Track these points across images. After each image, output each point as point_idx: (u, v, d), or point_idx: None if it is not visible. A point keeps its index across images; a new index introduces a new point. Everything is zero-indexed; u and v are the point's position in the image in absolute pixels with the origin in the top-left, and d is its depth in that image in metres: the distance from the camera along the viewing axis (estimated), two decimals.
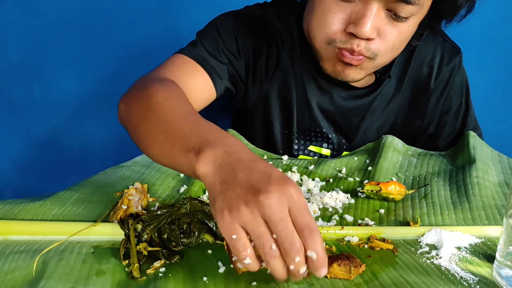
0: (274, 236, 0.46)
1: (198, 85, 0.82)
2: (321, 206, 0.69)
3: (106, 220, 0.63)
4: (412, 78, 0.94)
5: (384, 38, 0.77)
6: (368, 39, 0.76)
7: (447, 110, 0.97)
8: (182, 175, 0.79)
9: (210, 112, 0.92)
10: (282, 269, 0.47)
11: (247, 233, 0.47)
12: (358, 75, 0.83)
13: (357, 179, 0.78)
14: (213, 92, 0.85)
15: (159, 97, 0.66)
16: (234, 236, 0.47)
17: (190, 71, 0.82)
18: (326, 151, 0.96)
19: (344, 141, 0.97)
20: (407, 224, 0.64)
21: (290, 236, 0.45)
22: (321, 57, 0.83)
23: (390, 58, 0.83)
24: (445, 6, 0.78)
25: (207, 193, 0.72)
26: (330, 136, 0.96)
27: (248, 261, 0.47)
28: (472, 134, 0.89)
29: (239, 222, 0.46)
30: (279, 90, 0.93)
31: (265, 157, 0.88)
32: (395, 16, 0.75)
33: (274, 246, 0.46)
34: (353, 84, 0.92)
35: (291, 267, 0.46)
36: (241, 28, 0.89)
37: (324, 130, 0.96)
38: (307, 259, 0.46)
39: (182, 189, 0.73)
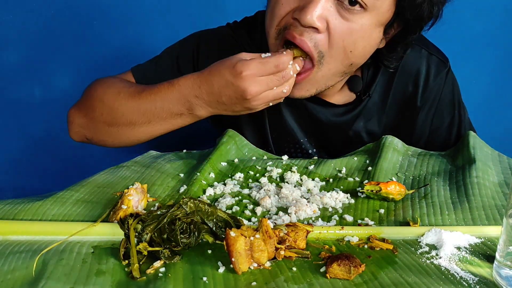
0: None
1: None
2: (321, 206, 0.69)
3: (106, 220, 0.63)
4: (396, 97, 0.91)
5: (333, 34, 0.73)
6: (314, 30, 0.72)
7: (439, 125, 0.94)
8: (182, 175, 0.78)
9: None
10: (282, 90, 0.73)
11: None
12: (308, 92, 0.80)
13: (357, 179, 0.78)
14: None
15: (110, 95, 0.81)
16: (270, 104, 0.75)
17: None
18: None
19: (326, 156, 0.96)
20: (407, 224, 0.64)
21: (278, 80, 0.71)
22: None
23: (344, 62, 0.77)
24: (406, 6, 0.74)
25: (207, 193, 0.72)
26: (310, 151, 0.95)
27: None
28: (472, 134, 0.89)
29: (264, 101, 0.73)
30: (251, 114, 0.90)
31: (265, 157, 0.88)
32: (346, 8, 0.71)
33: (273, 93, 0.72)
34: (331, 101, 0.90)
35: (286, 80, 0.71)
36: (204, 53, 0.91)
37: (303, 146, 0.95)
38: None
39: (182, 189, 0.73)
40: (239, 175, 0.78)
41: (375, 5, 0.72)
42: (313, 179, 0.77)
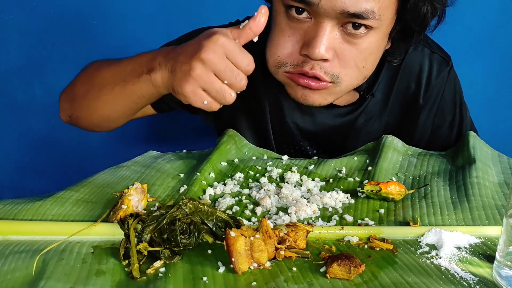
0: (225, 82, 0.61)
1: None
2: (321, 206, 0.69)
3: (106, 220, 0.63)
4: (399, 95, 0.91)
5: (343, 58, 0.74)
6: (324, 61, 0.73)
7: (440, 124, 0.94)
8: (182, 175, 0.78)
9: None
10: (232, 92, 0.62)
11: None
12: (326, 100, 0.80)
13: (357, 179, 0.78)
14: (150, 109, 0.94)
15: (94, 65, 0.81)
16: (205, 102, 0.62)
17: None
18: None
19: (326, 156, 0.95)
20: (407, 224, 0.64)
21: (235, 73, 0.61)
22: (284, 84, 0.81)
23: (359, 77, 0.79)
24: (410, 18, 0.74)
25: (207, 193, 0.72)
26: (310, 153, 0.95)
27: (216, 105, 0.63)
28: (472, 134, 0.89)
29: (199, 86, 0.60)
30: (252, 114, 0.91)
31: (265, 156, 0.88)
32: (352, 33, 0.71)
33: (221, 85, 0.61)
34: (334, 102, 0.89)
35: (239, 83, 0.61)
36: None
37: (303, 148, 0.94)
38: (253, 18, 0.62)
39: (182, 189, 0.73)
40: (239, 175, 0.78)
41: (380, 23, 0.71)
42: (313, 179, 0.77)
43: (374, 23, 0.71)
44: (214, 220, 0.60)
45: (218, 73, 0.60)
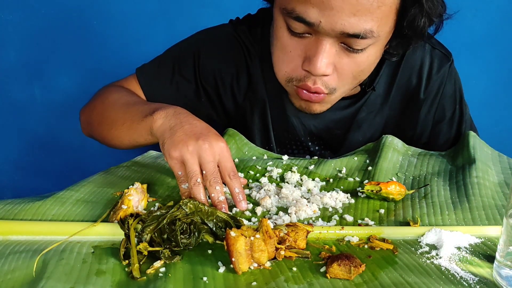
0: (204, 172, 0.65)
1: None
2: (321, 206, 0.69)
3: (106, 220, 0.63)
4: (400, 89, 0.92)
5: (342, 72, 0.76)
6: (324, 75, 0.75)
7: (440, 119, 0.95)
8: None
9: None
10: (202, 195, 0.65)
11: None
12: (324, 107, 0.83)
13: (357, 179, 0.78)
14: None
15: (111, 98, 0.86)
16: (179, 173, 0.67)
17: (135, 89, 0.93)
18: None
19: (328, 152, 0.96)
20: (407, 224, 0.64)
21: (215, 173, 0.65)
22: (288, 92, 0.84)
23: (355, 85, 0.82)
24: (407, 31, 0.75)
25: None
26: (311, 149, 0.96)
27: (184, 186, 0.67)
28: (472, 134, 0.89)
29: (182, 159, 0.65)
30: (254, 109, 0.93)
31: (265, 156, 0.88)
32: (351, 49, 0.73)
33: (199, 180, 0.65)
34: None
35: (212, 195, 0.65)
36: (205, 57, 0.91)
37: (304, 144, 0.95)
38: (233, 195, 0.67)
39: None
40: (239, 175, 0.78)
41: (378, 38, 0.73)
42: (313, 179, 0.77)
43: (372, 41, 0.72)
44: (214, 220, 0.60)
45: (203, 163, 0.65)
